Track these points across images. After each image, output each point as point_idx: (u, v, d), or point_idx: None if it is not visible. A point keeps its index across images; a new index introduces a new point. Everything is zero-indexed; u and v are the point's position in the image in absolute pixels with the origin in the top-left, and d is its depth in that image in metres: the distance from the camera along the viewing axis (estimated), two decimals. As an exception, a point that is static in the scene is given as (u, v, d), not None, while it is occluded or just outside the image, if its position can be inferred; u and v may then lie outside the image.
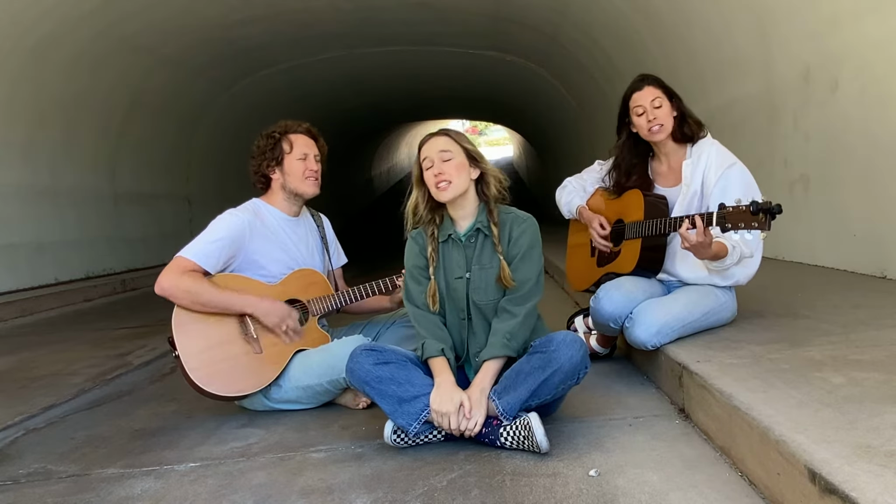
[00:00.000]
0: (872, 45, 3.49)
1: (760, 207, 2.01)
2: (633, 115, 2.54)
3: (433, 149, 2.11)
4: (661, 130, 2.49)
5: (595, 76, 8.65)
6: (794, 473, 1.39)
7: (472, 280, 2.12)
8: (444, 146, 2.10)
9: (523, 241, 2.11)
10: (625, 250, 2.62)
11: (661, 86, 2.53)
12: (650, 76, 2.57)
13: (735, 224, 2.08)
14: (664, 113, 2.49)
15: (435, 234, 2.17)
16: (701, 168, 2.47)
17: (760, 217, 2.03)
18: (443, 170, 2.07)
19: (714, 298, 2.48)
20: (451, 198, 2.09)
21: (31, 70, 6.87)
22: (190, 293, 2.34)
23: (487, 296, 2.11)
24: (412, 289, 2.20)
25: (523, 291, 2.09)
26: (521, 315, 2.07)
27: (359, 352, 2.06)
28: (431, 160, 2.10)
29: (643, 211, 2.53)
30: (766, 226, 2.03)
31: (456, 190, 2.08)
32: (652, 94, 2.50)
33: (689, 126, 2.54)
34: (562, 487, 1.68)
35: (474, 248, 2.14)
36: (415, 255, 2.21)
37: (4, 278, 6.72)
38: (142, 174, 9.46)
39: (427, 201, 2.17)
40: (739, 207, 2.07)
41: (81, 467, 2.10)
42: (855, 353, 2.06)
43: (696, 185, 2.47)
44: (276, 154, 2.58)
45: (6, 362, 3.90)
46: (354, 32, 9.30)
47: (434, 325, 2.14)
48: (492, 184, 2.14)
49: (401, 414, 1.97)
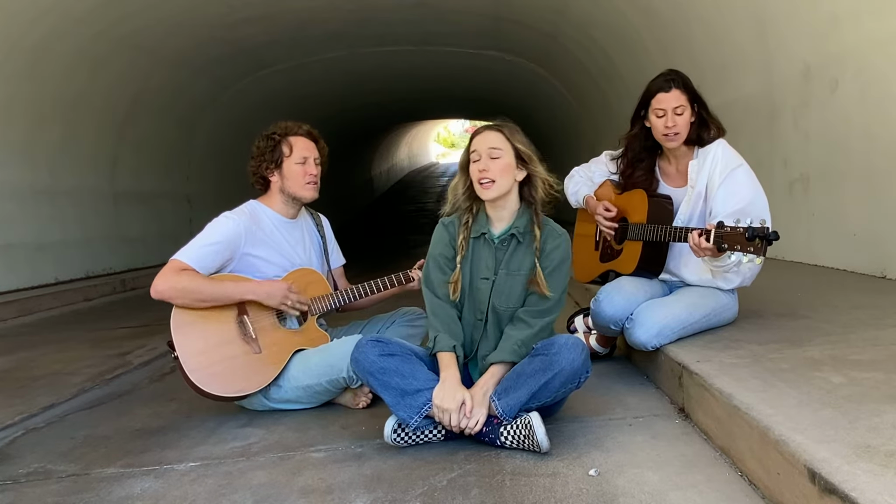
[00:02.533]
0: (872, 44, 3.49)
1: (756, 233, 1.99)
2: (651, 113, 2.47)
3: (484, 143, 2.07)
4: (675, 139, 2.45)
5: (595, 76, 8.65)
6: (793, 473, 1.39)
7: (497, 284, 2.10)
8: (495, 143, 2.07)
9: (556, 255, 2.09)
10: (626, 250, 2.62)
11: (688, 90, 2.45)
12: (679, 77, 2.48)
13: (731, 245, 2.07)
14: (683, 122, 2.43)
15: (469, 223, 2.14)
16: (707, 169, 2.44)
17: (756, 243, 2.00)
18: (488, 167, 2.04)
19: (716, 300, 2.47)
20: (493, 197, 2.07)
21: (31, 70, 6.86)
22: (186, 291, 2.33)
23: (509, 302, 2.10)
24: (434, 277, 2.16)
25: (544, 306, 2.07)
26: (537, 328, 2.06)
27: (365, 342, 2.06)
28: (479, 154, 2.06)
29: (646, 213, 2.51)
30: (761, 251, 2.01)
31: (499, 190, 2.06)
32: (677, 101, 2.42)
33: (708, 130, 2.48)
34: (562, 487, 1.68)
35: (505, 252, 2.11)
36: (443, 244, 2.17)
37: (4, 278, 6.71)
38: (142, 174, 9.45)
39: (467, 189, 2.14)
40: (737, 230, 2.05)
41: (81, 467, 2.09)
42: (855, 353, 2.06)
43: (701, 187, 2.45)
44: (275, 157, 2.56)
45: (6, 362, 3.90)
46: (354, 32, 9.29)
47: (450, 318, 2.11)
48: (539, 187, 2.10)
49: (403, 406, 1.97)
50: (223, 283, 2.40)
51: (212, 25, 8.15)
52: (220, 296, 2.38)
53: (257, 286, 2.43)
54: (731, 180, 2.38)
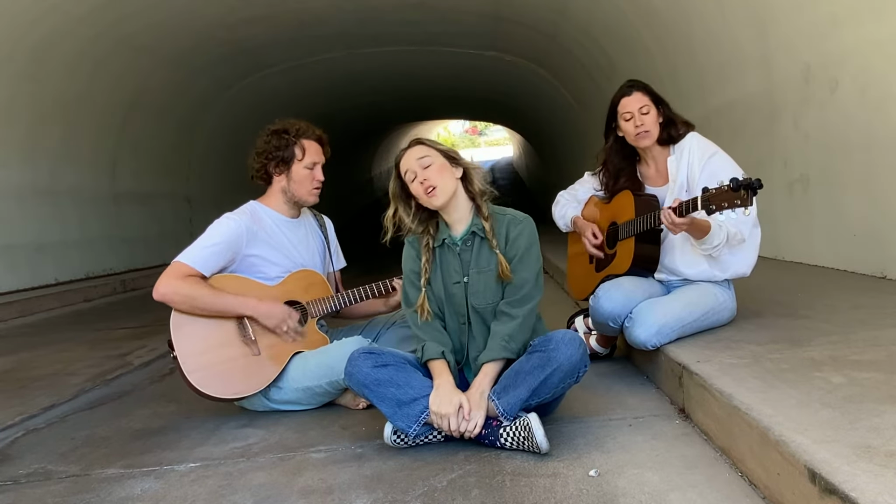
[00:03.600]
0: (873, 45, 3.49)
1: (741, 184, 2.04)
2: (620, 119, 2.58)
3: (411, 159, 2.09)
4: (647, 136, 2.54)
5: (595, 76, 8.64)
6: (793, 473, 1.39)
7: (470, 284, 2.11)
8: (421, 153, 2.10)
9: (521, 241, 2.10)
10: (620, 251, 2.64)
11: (649, 92, 2.58)
12: (638, 82, 2.62)
13: (719, 205, 2.12)
14: (651, 119, 2.53)
15: (430, 244, 2.15)
16: (685, 161, 2.53)
17: (742, 193, 2.06)
18: (427, 176, 2.06)
19: (713, 298, 2.49)
20: (443, 202, 2.08)
21: (32, 70, 6.87)
22: (188, 298, 2.33)
23: (486, 299, 2.10)
24: (410, 294, 2.18)
25: (522, 293, 2.08)
26: (521, 317, 2.06)
27: (357, 355, 2.06)
28: (413, 171, 2.08)
29: (634, 209, 2.56)
30: (748, 201, 2.05)
31: (445, 192, 2.07)
32: (640, 101, 2.54)
33: (676, 129, 2.58)
34: (562, 487, 1.68)
35: (471, 252, 2.12)
36: (412, 261, 2.19)
37: (4, 278, 6.72)
38: (142, 174, 9.46)
39: (416, 213, 2.15)
40: (722, 188, 2.11)
41: (81, 467, 2.10)
42: (855, 353, 2.06)
43: (682, 178, 2.52)
44: (286, 157, 2.55)
45: (6, 362, 3.90)
46: (354, 32, 9.29)
47: (434, 328, 2.13)
48: (475, 179, 2.14)
49: (400, 417, 1.97)
50: (225, 297, 2.39)
51: (212, 25, 8.15)
52: (221, 308, 2.38)
53: (257, 304, 2.41)
54: (711, 167, 2.46)
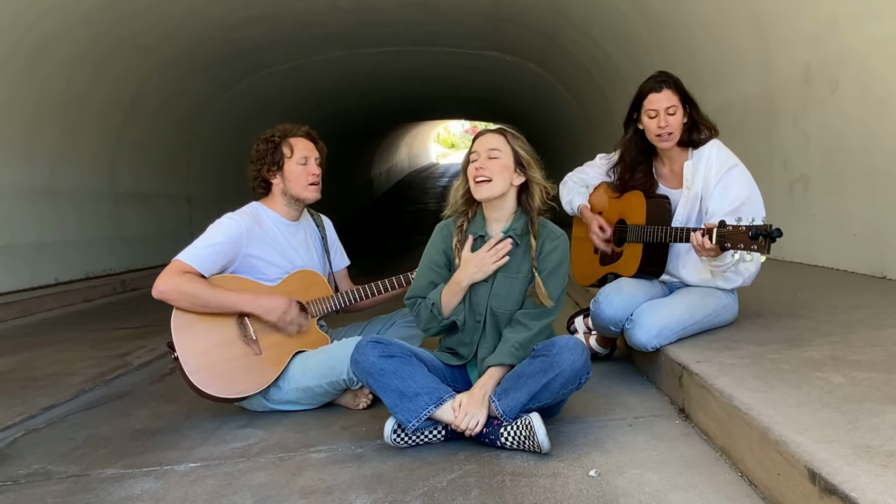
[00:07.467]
0: (872, 45, 3.49)
1: (759, 231, 1.99)
2: (644, 114, 2.47)
3: (484, 145, 2.09)
4: (669, 139, 2.45)
5: (595, 76, 8.65)
6: (794, 474, 1.39)
7: (494, 286, 2.10)
8: (495, 144, 2.08)
9: (553, 257, 2.09)
10: (627, 253, 2.62)
11: (680, 91, 2.45)
12: (670, 78, 2.48)
13: (735, 244, 2.07)
14: (676, 122, 2.43)
15: (464, 226, 2.15)
16: (702, 170, 2.44)
17: (760, 241, 2.00)
18: (486, 165, 2.05)
19: (716, 301, 2.47)
20: (485, 197, 2.06)
21: (31, 70, 6.86)
22: (188, 295, 2.33)
23: (507, 304, 2.09)
24: (423, 285, 2.18)
25: (542, 308, 2.07)
26: (536, 329, 2.05)
27: (365, 343, 2.06)
28: (479, 154, 2.07)
29: (645, 215, 2.51)
30: (765, 249, 2.01)
31: (492, 190, 2.05)
32: (669, 101, 2.42)
33: (699, 132, 2.48)
34: (562, 488, 1.68)
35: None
36: (440, 241, 2.19)
37: (4, 278, 6.71)
38: (142, 174, 9.45)
39: (465, 192, 2.14)
40: (739, 228, 2.05)
41: (81, 467, 2.10)
42: (855, 353, 2.07)
43: (698, 188, 2.45)
44: (276, 158, 2.56)
45: (6, 362, 3.90)
46: (354, 32, 9.29)
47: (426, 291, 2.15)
48: (536, 194, 2.10)
49: (401, 409, 1.96)
50: (225, 293, 2.39)
51: (212, 25, 8.14)
52: (221, 305, 2.38)
53: (257, 300, 2.42)
54: (727, 179, 2.39)
